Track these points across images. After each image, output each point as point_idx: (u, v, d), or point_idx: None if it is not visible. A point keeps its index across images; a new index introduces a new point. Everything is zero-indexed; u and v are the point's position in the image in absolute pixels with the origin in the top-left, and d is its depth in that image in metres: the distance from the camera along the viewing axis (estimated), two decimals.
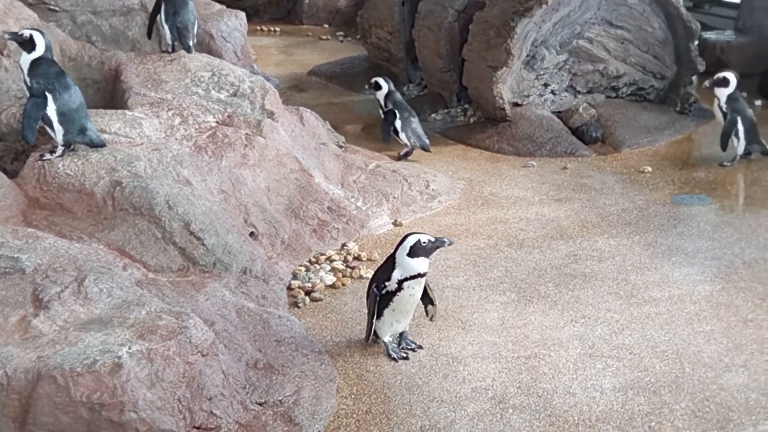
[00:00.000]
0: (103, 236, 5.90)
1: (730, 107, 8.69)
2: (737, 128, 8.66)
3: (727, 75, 8.78)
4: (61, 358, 4.28)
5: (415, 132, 9.19)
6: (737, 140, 8.69)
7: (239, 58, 10.11)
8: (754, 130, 8.75)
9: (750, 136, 8.72)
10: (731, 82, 8.72)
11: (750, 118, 8.76)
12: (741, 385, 5.11)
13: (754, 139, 8.76)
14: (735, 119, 8.65)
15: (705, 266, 6.63)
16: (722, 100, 8.73)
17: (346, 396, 5.14)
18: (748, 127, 8.71)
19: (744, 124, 8.67)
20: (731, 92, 8.72)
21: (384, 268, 5.48)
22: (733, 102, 8.72)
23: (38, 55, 6.16)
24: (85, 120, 6.28)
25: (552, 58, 9.85)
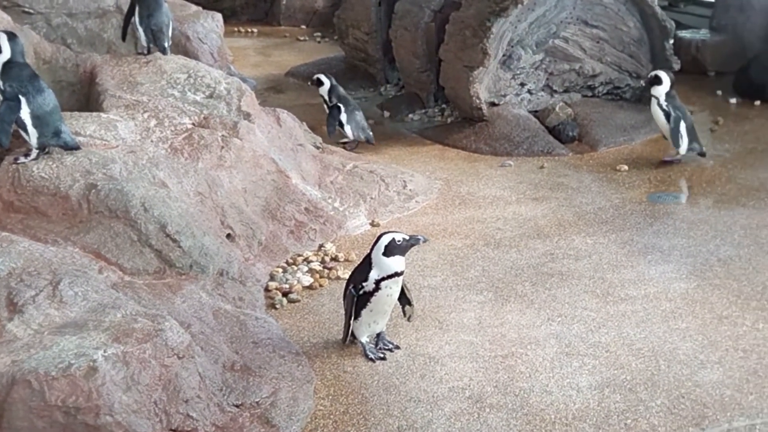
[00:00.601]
0: (78, 239, 5.87)
1: (670, 105, 8.73)
2: (680, 130, 8.69)
3: (659, 73, 8.86)
4: (35, 362, 4.26)
5: (360, 125, 9.38)
6: (681, 139, 8.72)
7: (216, 60, 10.07)
8: (693, 129, 8.80)
9: (691, 134, 8.76)
10: (665, 80, 8.77)
11: (689, 117, 8.81)
12: (716, 382, 5.14)
13: (693, 138, 8.79)
14: (679, 116, 8.69)
15: (680, 264, 6.66)
16: (661, 99, 8.76)
17: (324, 397, 5.14)
18: (689, 125, 8.75)
19: (685, 121, 8.72)
20: (668, 90, 8.77)
21: (361, 269, 5.48)
22: (672, 99, 8.77)
23: (7, 58, 6.12)
24: (60, 123, 6.25)
25: (528, 57, 9.88)
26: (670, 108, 8.70)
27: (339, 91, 9.60)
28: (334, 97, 9.53)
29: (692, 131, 8.78)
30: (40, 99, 6.14)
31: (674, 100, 8.76)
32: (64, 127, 6.28)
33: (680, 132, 8.68)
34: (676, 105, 8.75)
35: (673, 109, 8.69)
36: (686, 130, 8.71)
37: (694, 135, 8.79)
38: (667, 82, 8.77)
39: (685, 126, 8.70)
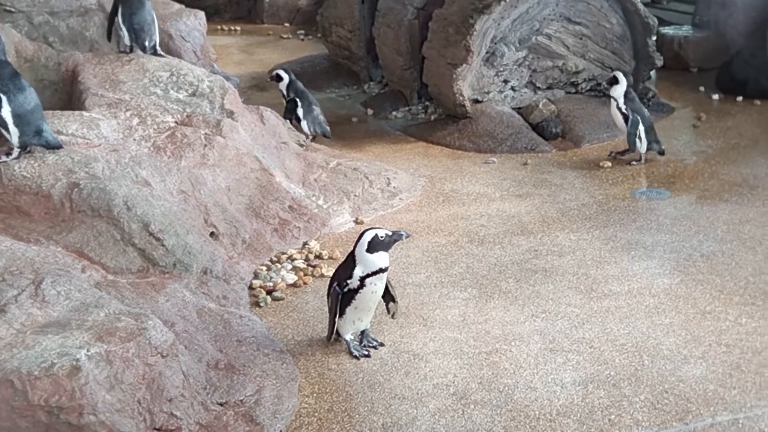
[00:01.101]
0: (60, 238, 5.85)
1: (629, 107, 8.77)
2: (639, 130, 8.71)
3: (616, 74, 8.90)
4: (18, 361, 4.24)
5: (317, 120, 9.39)
6: (639, 140, 8.74)
7: (199, 58, 10.07)
8: (652, 129, 8.82)
9: (649, 134, 8.78)
10: (621, 81, 8.81)
11: (648, 117, 8.84)
12: (699, 377, 5.16)
13: (652, 138, 8.81)
14: (637, 119, 8.71)
15: (664, 259, 6.68)
16: (620, 101, 8.80)
17: (308, 395, 5.13)
18: (647, 126, 8.77)
19: (643, 122, 8.75)
20: (626, 91, 8.81)
21: (345, 266, 5.48)
22: (630, 102, 8.80)
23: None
24: (41, 122, 6.22)
25: (511, 54, 9.89)
26: (629, 110, 8.75)
27: (297, 86, 9.62)
28: (292, 92, 9.55)
29: (651, 131, 8.81)
30: (22, 98, 6.11)
31: (633, 103, 8.82)
32: (45, 126, 6.25)
33: (638, 134, 8.71)
34: (635, 107, 8.80)
35: (631, 112, 8.74)
36: (644, 131, 8.73)
37: (653, 135, 8.82)
38: (624, 83, 8.81)
39: (643, 127, 8.73)
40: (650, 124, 8.82)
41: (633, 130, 8.70)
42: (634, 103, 8.82)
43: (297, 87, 9.61)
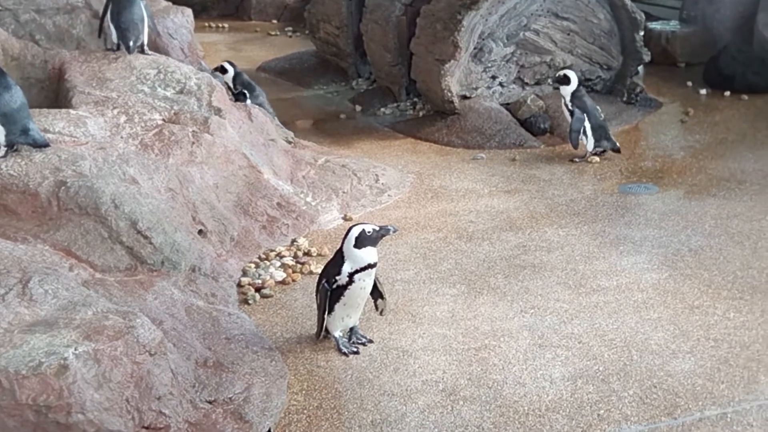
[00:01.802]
0: (48, 237, 5.83)
1: (575, 104, 8.84)
2: (584, 125, 8.77)
3: (567, 73, 8.99)
4: (5, 360, 4.21)
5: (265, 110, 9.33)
6: (585, 137, 8.81)
7: (186, 56, 10.01)
8: (602, 127, 8.88)
9: (598, 132, 8.84)
10: (572, 79, 8.89)
11: (596, 115, 8.89)
12: (688, 372, 5.17)
13: (602, 136, 8.86)
14: (582, 116, 8.79)
15: (652, 254, 6.69)
16: (567, 99, 8.90)
17: (297, 392, 5.13)
18: (595, 124, 8.83)
19: (590, 120, 8.80)
20: (574, 90, 8.88)
21: (333, 263, 5.47)
22: (577, 99, 8.88)
23: None
24: (28, 120, 6.19)
25: (499, 50, 9.90)
26: (575, 108, 8.82)
27: (243, 78, 9.70)
28: (239, 84, 9.61)
29: (600, 129, 8.86)
30: (8, 96, 6.09)
31: (579, 101, 8.88)
32: (32, 124, 6.23)
33: (583, 131, 8.77)
34: (580, 105, 8.85)
35: (577, 109, 8.81)
36: (591, 128, 8.80)
37: (603, 133, 8.87)
38: (575, 83, 8.90)
39: (590, 125, 8.79)
40: (599, 123, 8.89)
41: (575, 126, 8.79)
42: (581, 101, 8.89)
43: (243, 79, 9.69)
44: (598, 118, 8.90)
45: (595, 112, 8.92)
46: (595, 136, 8.82)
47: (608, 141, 8.88)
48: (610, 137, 8.91)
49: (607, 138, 8.88)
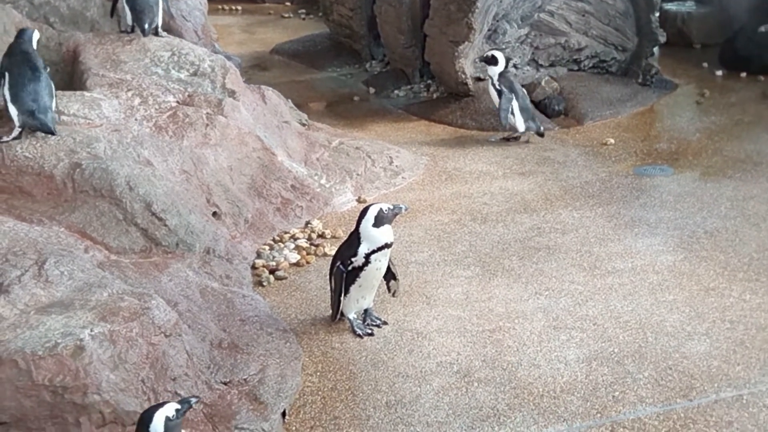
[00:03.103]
0: (63, 219, 5.85)
1: (503, 84, 8.86)
2: (512, 105, 8.82)
3: (495, 53, 8.99)
4: (22, 341, 4.24)
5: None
6: (514, 117, 8.84)
7: (200, 38, 10.00)
8: (528, 109, 8.94)
9: (524, 113, 8.88)
10: (500, 60, 8.90)
11: (523, 97, 8.93)
12: (703, 353, 5.16)
13: (528, 117, 8.89)
14: (510, 96, 8.82)
15: (667, 236, 6.67)
16: (495, 79, 8.92)
17: (312, 373, 5.14)
18: (522, 105, 8.87)
19: (518, 101, 8.84)
20: (502, 70, 8.90)
21: (348, 244, 5.47)
22: (504, 80, 8.90)
23: None
24: (42, 104, 6.19)
25: (514, 32, 9.85)
26: (503, 87, 8.85)
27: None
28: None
29: (527, 111, 8.90)
30: (25, 78, 6.11)
31: (507, 80, 8.90)
32: (44, 107, 6.21)
33: (510, 111, 8.80)
34: (509, 85, 8.87)
35: (505, 89, 8.83)
36: (519, 109, 8.82)
37: (529, 114, 8.91)
38: (502, 64, 8.91)
39: (517, 105, 8.82)
40: (527, 104, 8.95)
41: (504, 106, 8.81)
42: (508, 81, 8.92)
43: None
44: (525, 99, 8.98)
45: (522, 93, 8.98)
46: (523, 117, 8.88)
47: (533, 123, 8.94)
48: (536, 120, 8.97)
49: (532, 119, 8.95)
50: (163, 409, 3.63)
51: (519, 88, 8.96)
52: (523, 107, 8.87)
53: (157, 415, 3.63)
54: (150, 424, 3.61)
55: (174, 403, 3.67)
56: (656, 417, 4.65)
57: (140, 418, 3.67)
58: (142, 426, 3.63)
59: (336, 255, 5.59)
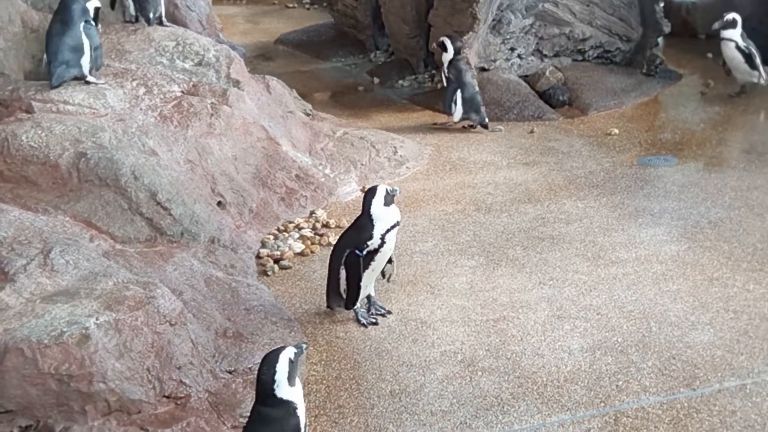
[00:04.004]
0: (68, 208, 5.86)
1: (451, 72, 8.94)
2: (456, 94, 8.88)
3: (445, 40, 9.02)
4: (28, 330, 4.26)
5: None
6: (455, 106, 8.90)
7: (204, 28, 10.01)
8: (472, 100, 8.94)
9: (467, 104, 8.91)
10: (449, 47, 8.94)
11: (471, 87, 8.95)
12: (707, 343, 5.17)
13: (472, 108, 8.93)
14: (456, 84, 8.88)
15: (671, 226, 6.68)
16: (444, 66, 9.00)
17: (316, 363, 5.15)
18: (467, 95, 8.90)
19: (463, 90, 8.87)
20: (451, 58, 8.94)
21: (359, 229, 5.46)
22: (453, 68, 8.95)
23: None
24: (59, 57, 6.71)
25: (518, 22, 9.84)
26: (450, 75, 8.92)
27: None
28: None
29: (472, 102, 8.92)
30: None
31: (456, 68, 8.94)
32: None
33: (454, 100, 8.87)
34: (457, 73, 8.92)
35: (452, 77, 8.91)
36: (462, 99, 8.87)
37: (473, 106, 8.93)
38: (451, 50, 8.95)
39: (461, 95, 8.86)
40: (472, 95, 8.95)
41: (448, 93, 8.92)
42: (456, 69, 8.95)
43: None
44: (471, 90, 8.97)
45: (471, 82, 8.99)
46: (464, 107, 8.91)
47: (477, 114, 8.98)
48: (480, 111, 8.99)
49: (476, 111, 8.97)
50: (285, 351, 3.92)
51: (468, 78, 8.98)
52: (467, 98, 8.91)
53: (282, 357, 3.89)
54: (276, 364, 3.87)
55: (291, 347, 3.97)
56: (659, 406, 4.66)
57: (266, 360, 3.93)
58: (268, 367, 3.88)
59: (343, 243, 5.56)
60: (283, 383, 3.87)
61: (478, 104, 8.96)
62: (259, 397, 3.91)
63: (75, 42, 6.78)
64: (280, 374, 3.86)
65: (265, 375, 3.87)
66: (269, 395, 3.86)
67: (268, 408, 3.87)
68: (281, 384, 3.86)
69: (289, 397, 3.88)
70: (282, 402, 3.86)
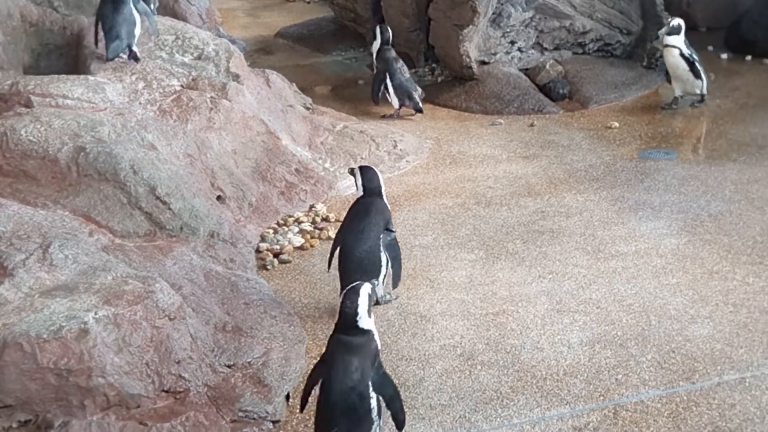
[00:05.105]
0: (68, 202, 5.85)
1: (378, 61, 9.25)
2: (386, 82, 9.09)
3: (375, 29, 9.29)
4: (27, 325, 4.26)
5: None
6: (389, 94, 9.10)
7: (204, 22, 10.01)
8: (401, 86, 9.13)
9: (399, 90, 9.11)
10: (377, 36, 9.27)
11: (400, 74, 9.15)
12: (706, 336, 5.17)
13: (404, 95, 9.12)
14: (383, 74, 9.10)
15: (671, 220, 6.67)
16: (374, 56, 9.25)
17: (315, 357, 5.11)
18: (397, 83, 9.10)
19: (392, 79, 9.08)
20: (379, 47, 9.21)
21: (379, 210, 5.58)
22: (379, 57, 9.26)
23: None
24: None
25: (518, 15, 9.82)
26: (378, 64, 9.23)
27: None
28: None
29: (401, 89, 9.12)
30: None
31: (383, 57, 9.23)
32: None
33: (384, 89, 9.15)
34: (384, 63, 9.18)
35: (379, 67, 9.22)
36: (393, 87, 9.09)
37: (404, 92, 9.12)
38: (379, 40, 9.25)
39: (392, 84, 9.09)
40: (400, 82, 9.13)
41: (376, 81, 9.21)
42: (383, 58, 9.22)
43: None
44: (401, 77, 9.14)
45: (401, 70, 9.17)
46: (397, 94, 9.10)
47: (410, 100, 9.14)
48: (413, 97, 9.15)
49: (409, 97, 9.13)
50: (365, 287, 4.42)
51: (397, 66, 9.17)
52: (395, 85, 9.10)
53: (362, 292, 4.38)
54: (358, 299, 4.35)
55: (368, 284, 4.48)
56: (659, 400, 4.66)
57: (348, 295, 4.40)
58: (351, 301, 4.36)
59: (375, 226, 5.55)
60: (364, 315, 4.34)
61: (408, 90, 9.18)
62: (342, 327, 4.36)
63: (127, 18, 7.21)
64: (361, 307, 4.33)
65: (348, 308, 4.34)
66: (352, 326, 4.33)
67: (350, 337, 4.32)
68: (363, 315, 4.32)
69: (369, 326, 4.36)
70: (363, 331, 4.33)
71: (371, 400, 4.24)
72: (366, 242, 5.49)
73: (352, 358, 4.24)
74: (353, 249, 5.49)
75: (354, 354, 4.25)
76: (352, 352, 4.26)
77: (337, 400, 4.21)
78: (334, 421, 4.22)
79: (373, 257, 5.49)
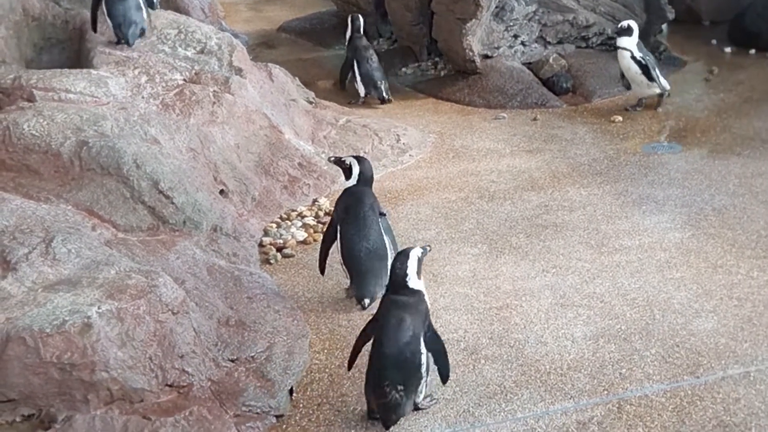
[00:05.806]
0: (70, 197, 5.85)
1: (348, 51, 9.53)
2: (354, 71, 9.35)
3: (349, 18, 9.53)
4: (30, 319, 4.26)
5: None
6: (356, 82, 9.37)
7: (207, 15, 10.01)
8: (368, 75, 9.35)
9: (365, 79, 9.35)
10: (348, 25, 9.53)
11: (368, 63, 9.36)
12: (710, 330, 5.16)
13: (370, 84, 9.36)
14: (351, 61, 9.37)
15: (675, 214, 6.65)
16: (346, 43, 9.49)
17: (319, 351, 5.15)
18: (364, 71, 9.35)
19: (360, 67, 9.33)
20: (350, 35, 9.47)
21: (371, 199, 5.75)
22: (349, 47, 9.53)
23: None
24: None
25: (521, 9, 9.81)
26: (348, 53, 9.53)
27: None
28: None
29: (368, 77, 9.36)
30: None
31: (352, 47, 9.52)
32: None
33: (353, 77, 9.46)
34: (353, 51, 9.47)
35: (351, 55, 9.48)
36: (360, 75, 9.35)
37: (371, 81, 9.36)
38: (350, 30, 9.54)
39: (359, 72, 9.35)
40: (367, 71, 9.36)
41: (344, 69, 9.61)
42: (353, 48, 9.48)
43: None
44: (369, 66, 9.35)
45: (370, 59, 9.39)
46: (363, 82, 9.34)
47: (376, 90, 9.37)
48: (379, 87, 9.37)
49: (375, 87, 9.35)
50: (414, 251, 4.72)
51: (366, 54, 9.40)
52: (363, 73, 9.35)
53: (412, 254, 4.68)
54: (408, 261, 4.64)
55: (418, 248, 4.78)
56: (663, 394, 4.65)
57: (399, 257, 4.70)
58: (401, 263, 4.65)
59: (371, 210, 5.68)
60: (414, 276, 4.62)
61: (375, 80, 9.38)
62: (393, 287, 4.64)
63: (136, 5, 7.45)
64: (411, 268, 4.62)
65: (399, 270, 4.63)
66: (403, 286, 4.61)
67: (401, 296, 4.59)
68: (412, 277, 4.61)
69: (419, 287, 4.64)
70: (413, 291, 4.61)
71: (422, 356, 4.48)
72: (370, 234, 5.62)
73: (405, 316, 4.49)
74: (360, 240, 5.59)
75: (406, 312, 4.51)
76: (404, 310, 4.52)
77: (390, 356, 4.43)
78: (386, 377, 4.42)
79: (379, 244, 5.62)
